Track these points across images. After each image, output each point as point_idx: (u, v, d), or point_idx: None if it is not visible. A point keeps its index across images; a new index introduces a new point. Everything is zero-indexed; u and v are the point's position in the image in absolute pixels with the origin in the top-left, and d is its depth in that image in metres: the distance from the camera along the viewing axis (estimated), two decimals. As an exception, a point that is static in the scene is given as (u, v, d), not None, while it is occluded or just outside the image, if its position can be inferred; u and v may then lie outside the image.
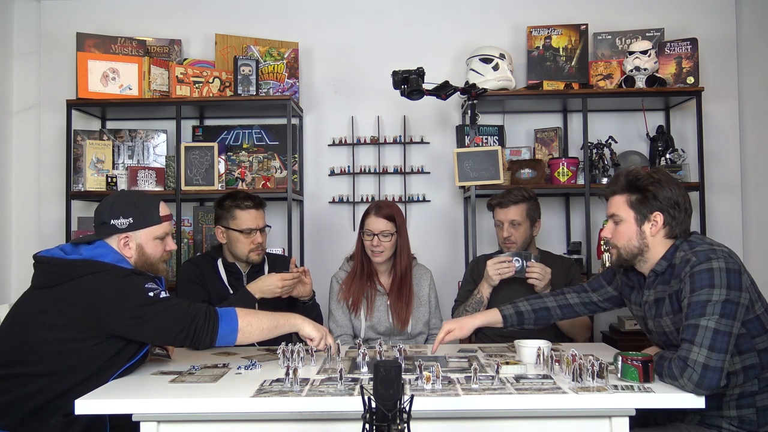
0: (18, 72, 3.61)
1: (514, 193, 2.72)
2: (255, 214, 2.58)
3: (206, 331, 1.83)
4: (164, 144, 3.45)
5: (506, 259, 2.56)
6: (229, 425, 1.66)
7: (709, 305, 1.71)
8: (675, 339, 1.86)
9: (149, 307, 1.80)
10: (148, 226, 1.98)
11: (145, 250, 1.98)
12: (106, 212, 1.96)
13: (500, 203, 2.72)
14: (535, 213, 2.74)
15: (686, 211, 1.91)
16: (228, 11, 3.59)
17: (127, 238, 1.96)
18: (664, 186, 1.90)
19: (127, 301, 1.80)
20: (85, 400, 1.65)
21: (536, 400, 1.64)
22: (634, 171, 1.96)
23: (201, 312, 1.84)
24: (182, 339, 1.83)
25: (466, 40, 3.49)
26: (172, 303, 1.85)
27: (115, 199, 2.00)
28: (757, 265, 3.46)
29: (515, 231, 2.69)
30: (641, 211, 1.92)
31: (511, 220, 2.69)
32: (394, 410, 1.24)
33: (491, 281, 2.57)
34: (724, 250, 1.82)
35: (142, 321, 1.80)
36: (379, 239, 2.61)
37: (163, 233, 2.02)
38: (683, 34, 3.38)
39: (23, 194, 3.58)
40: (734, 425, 1.83)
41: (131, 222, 1.95)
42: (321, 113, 3.59)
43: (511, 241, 2.69)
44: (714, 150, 3.43)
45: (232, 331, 1.87)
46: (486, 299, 2.60)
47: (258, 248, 2.59)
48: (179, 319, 1.82)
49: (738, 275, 1.76)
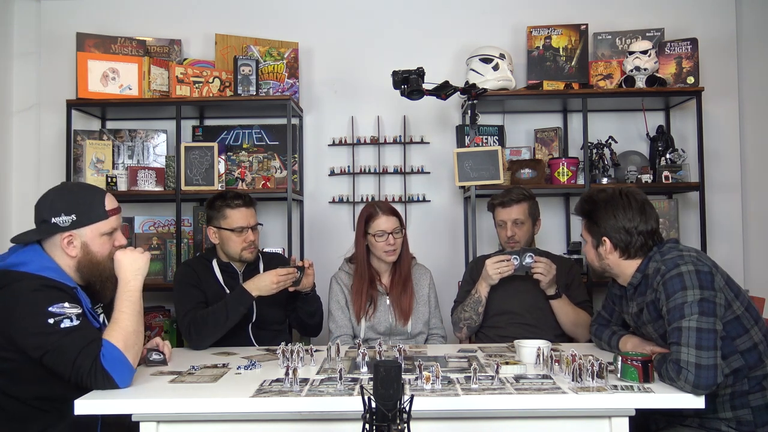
0: (18, 72, 3.61)
1: (515, 192, 2.71)
2: (246, 212, 2.56)
3: (97, 385, 1.68)
4: (164, 144, 3.45)
5: (505, 258, 2.54)
6: (228, 425, 1.66)
7: (686, 306, 1.75)
8: (662, 345, 1.91)
9: (46, 336, 1.67)
10: (93, 223, 1.83)
11: (90, 248, 1.83)
12: (46, 209, 1.81)
13: (502, 203, 2.70)
14: (536, 211, 2.74)
15: (641, 232, 1.95)
16: (228, 11, 3.58)
17: (70, 236, 1.81)
18: (608, 212, 1.98)
19: (28, 324, 1.68)
20: (85, 401, 1.64)
21: (536, 400, 1.64)
22: (592, 195, 2.06)
23: (85, 368, 1.67)
24: (74, 385, 1.68)
25: (466, 40, 3.49)
26: (66, 342, 1.67)
27: (55, 194, 1.85)
28: (757, 265, 3.46)
29: (519, 230, 2.68)
30: (594, 235, 2.04)
31: (514, 219, 2.68)
32: (394, 410, 1.24)
33: (491, 280, 2.56)
34: (692, 255, 1.87)
35: (41, 352, 1.67)
36: (394, 236, 2.60)
37: (110, 228, 1.87)
38: (683, 34, 3.38)
39: (23, 194, 3.57)
40: (732, 427, 1.84)
41: (74, 219, 1.80)
42: (321, 113, 3.59)
43: (515, 240, 2.68)
44: (714, 150, 3.43)
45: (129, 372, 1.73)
46: (484, 298, 2.60)
47: (251, 246, 2.57)
48: (66, 367, 1.67)
49: (709, 276, 1.79)
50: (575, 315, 2.56)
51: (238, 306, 2.41)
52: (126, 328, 1.75)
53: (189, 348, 2.40)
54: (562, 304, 2.56)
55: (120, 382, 1.70)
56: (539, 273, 2.51)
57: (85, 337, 1.71)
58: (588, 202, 2.05)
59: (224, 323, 2.38)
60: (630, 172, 3.22)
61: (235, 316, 2.40)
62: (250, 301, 2.43)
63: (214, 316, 2.38)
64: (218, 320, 2.37)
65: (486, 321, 2.65)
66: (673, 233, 3.24)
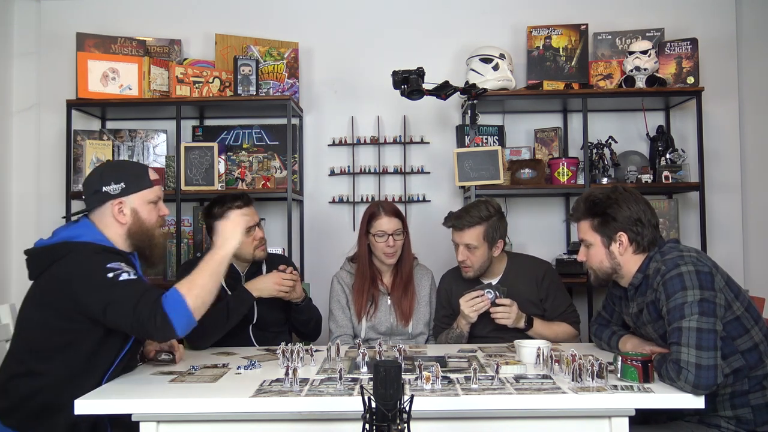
0: (18, 72, 3.61)
1: (471, 213, 2.49)
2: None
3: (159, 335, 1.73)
4: (164, 144, 3.45)
5: (478, 294, 2.42)
6: (228, 425, 1.67)
7: (686, 306, 1.75)
8: (662, 345, 1.91)
9: (107, 289, 1.74)
10: (141, 190, 1.96)
11: (140, 215, 1.95)
12: (97, 180, 1.93)
13: (454, 225, 2.52)
14: (494, 234, 2.50)
15: (650, 223, 1.96)
16: (228, 11, 3.58)
17: (121, 204, 1.92)
18: (621, 206, 1.97)
19: (91, 281, 1.76)
20: (85, 401, 1.65)
21: (536, 400, 1.64)
22: (592, 195, 2.04)
23: (145, 313, 1.70)
24: (136, 335, 1.77)
25: (466, 40, 3.49)
26: (126, 293, 1.73)
27: (104, 167, 2.00)
28: (757, 265, 3.46)
29: (471, 255, 2.50)
30: (606, 234, 1.99)
31: (466, 244, 2.49)
32: (394, 410, 1.24)
33: (469, 319, 2.43)
34: (693, 255, 1.86)
35: (102, 306, 1.73)
36: (394, 238, 2.59)
37: (155, 197, 2.00)
38: (683, 34, 3.38)
39: (23, 194, 3.58)
40: (732, 424, 1.85)
41: (123, 187, 1.92)
42: (321, 113, 3.59)
43: (466, 265, 2.52)
44: (714, 150, 3.43)
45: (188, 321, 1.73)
46: (466, 333, 2.49)
47: (261, 243, 2.58)
48: (126, 317, 1.72)
49: (709, 276, 1.80)
50: (555, 333, 2.47)
51: (239, 306, 2.41)
52: (195, 280, 1.79)
53: (189, 348, 2.39)
54: (538, 329, 2.45)
55: (177, 326, 1.71)
56: (500, 319, 2.41)
57: (144, 286, 1.79)
58: (595, 202, 2.01)
59: (225, 324, 2.38)
60: (630, 172, 3.22)
61: (235, 316, 2.40)
62: (251, 301, 2.43)
63: (214, 316, 2.37)
64: (219, 320, 2.37)
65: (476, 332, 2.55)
66: (673, 233, 3.24)
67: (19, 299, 1.94)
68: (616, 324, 2.22)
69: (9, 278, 3.52)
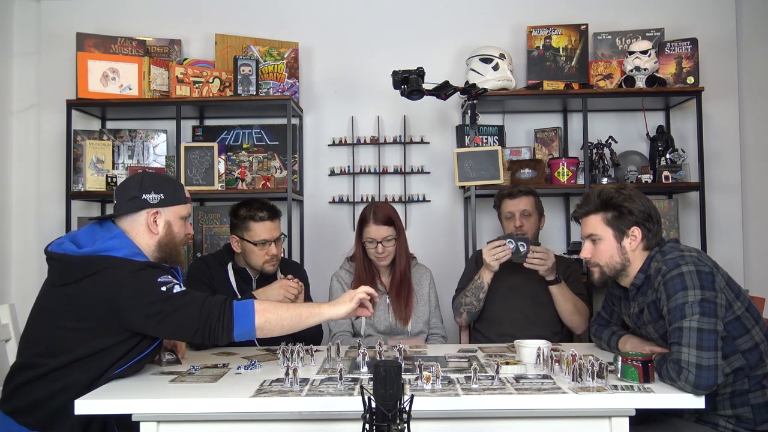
0: (18, 72, 3.61)
1: (521, 186, 2.78)
2: (270, 226, 2.52)
3: (221, 333, 1.77)
4: (164, 144, 3.45)
5: (500, 243, 2.53)
6: (229, 425, 1.66)
7: (687, 306, 1.75)
8: (662, 345, 1.91)
9: (164, 303, 1.76)
10: (178, 204, 1.97)
11: (172, 228, 1.95)
12: (136, 187, 1.93)
13: (511, 194, 2.75)
14: (540, 207, 2.79)
15: (658, 221, 1.98)
16: (228, 11, 3.58)
17: (156, 214, 1.93)
18: (635, 200, 1.97)
19: (143, 298, 1.76)
20: (85, 401, 1.65)
21: (536, 400, 1.64)
22: (605, 190, 2.03)
23: (215, 312, 1.77)
24: (199, 338, 1.79)
25: (466, 40, 3.49)
26: (187, 300, 1.78)
27: (143, 175, 1.98)
28: (757, 265, 3.46)
29: (526, 221, 2.71)
30: (619, 228, 1.98)
31: (522, 210, 2.71)
32: (394, 410, 1.24)
33: (491, 268, 2.56)
34: (693, 255, 1.86)
35: (159, 319, 1.76)
36: (383, 246, 2.59)
37: (187, 214, 2.02)
38: (683, 34, 3.38)
39: (23, 194, 3.58)
40: (731, 423, 1.85)
41: (162, 198, 1.93)
42: (321, 113, 3.59)
43: (522, 232, 2.69)
44: (714, 150, 3.43)
45: (249, 331, 1.80)
46: (486, 284, 2.60)
47: (272, 259, 2.54)
48: (193, 319, 1.76)
49: (710, 276, 1.80)
50: (574, 302, 2.58)
51: None
52: (278, 308, 1.84)
53: (190, 348, 2.39)
54: (562, 290, 2.57)
55: (237, 330, 1.77)
56: (534, 265, 2.49)
57: (201, 293, 1.82)
58: (610, 196, 1.99)
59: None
60: (630, 172, 3.22)
61: None
62: None
63: None
64: None
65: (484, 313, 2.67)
66: (673, 233, 3.24)
67: (19, 299, 1.94)
68: (615, 324, 2.22)
69: (8, 278, 3.51)
